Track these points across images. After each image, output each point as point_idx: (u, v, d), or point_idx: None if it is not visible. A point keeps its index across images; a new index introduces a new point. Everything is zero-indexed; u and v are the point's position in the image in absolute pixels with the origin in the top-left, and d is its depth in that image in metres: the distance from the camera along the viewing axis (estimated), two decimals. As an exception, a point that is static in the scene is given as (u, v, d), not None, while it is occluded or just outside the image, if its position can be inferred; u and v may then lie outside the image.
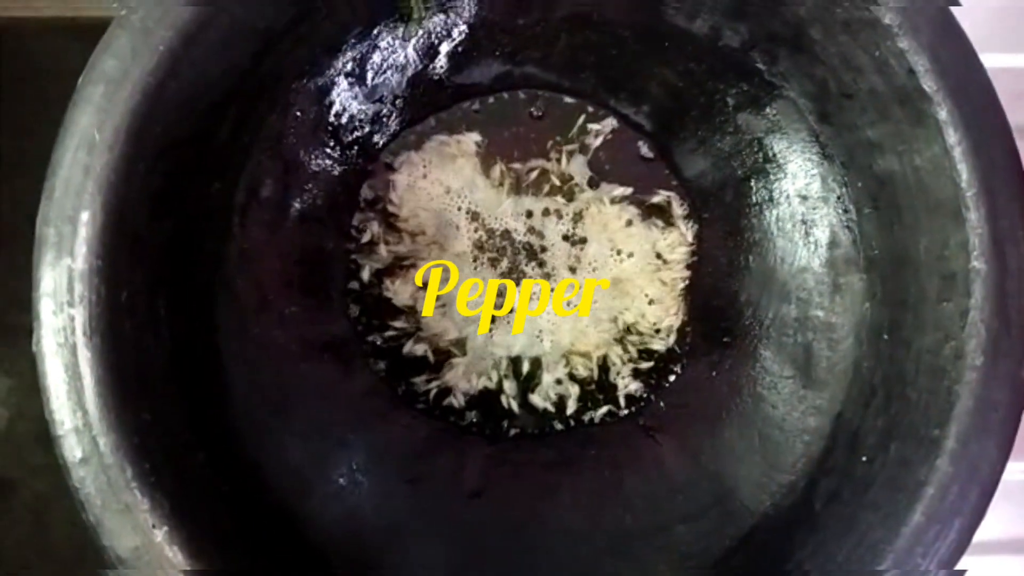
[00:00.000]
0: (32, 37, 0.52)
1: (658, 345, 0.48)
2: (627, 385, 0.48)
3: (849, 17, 0.35)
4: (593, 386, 0.48)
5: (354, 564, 0.39)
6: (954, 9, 0.34)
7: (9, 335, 0.51)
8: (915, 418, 0.35)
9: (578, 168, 0.48)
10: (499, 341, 0.48)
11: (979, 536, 0.33)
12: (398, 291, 0.47)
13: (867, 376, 0.39)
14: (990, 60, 0.35)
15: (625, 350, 0.48)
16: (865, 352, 0.39)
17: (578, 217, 0.48)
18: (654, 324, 0.48)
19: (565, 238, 0.48)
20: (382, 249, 0.47)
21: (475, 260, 0.48)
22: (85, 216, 0.31)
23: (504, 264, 0.48)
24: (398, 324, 0.47)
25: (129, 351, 0.32)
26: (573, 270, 0.48)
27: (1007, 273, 0.33)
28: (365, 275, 0.47)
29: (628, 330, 0.48)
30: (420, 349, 0.47)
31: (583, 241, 0.48)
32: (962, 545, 0.33)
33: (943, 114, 0.34)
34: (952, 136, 0.34)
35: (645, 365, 0.48)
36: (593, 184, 0.48)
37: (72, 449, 0.30)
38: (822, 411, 0.41)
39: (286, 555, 0.37)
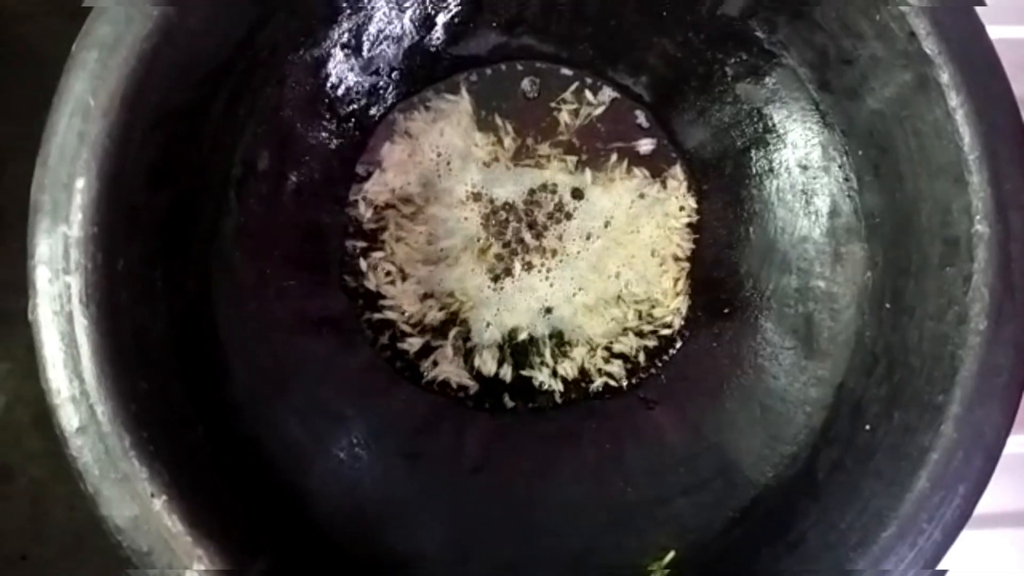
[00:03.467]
0: (24, 20, 0.51)
1: (665, 331, 0.48)
2: (605, 364, 0.48)
3: (848, -20, 0.35)
4: (592, 363, 0.48)
5: (356, 538, 0.39)
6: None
7: (5, 320, 0.51)
8: (918, 385, 0.34)
9: (577, 140, 0.48)
10: (496, 318, 0.47)
11: (980, 509, 0.33)
12: (380, 280, 0.47)
13: (869, 345, 0.39)
14: (996, 32, 0.35)
15: (628, 332, 0.48)
16: (867, 321, 0.39)
17: (579, 190, 0.48)
18: (657, 300, 0.48)
19: (565, 211, 0.48)
20: (369, 225, 0.47)
21: (472, 235, 0.47)
22: (80, 183, 0.30)
23: (501, 239, 0.47)
24: (389, 313, 0.47)
25: (126, 321, 0.31)
26: (572, 243, 0.48)
27: (1010, 236, 0.33)
28: (362, 265, 0.47)
29: (638, 314, 0.48)
30: (408, 343, 0.47)
31: (584, 214, 0.48)
32: (967, 511, 0.33)
33: (945, 77, 0.34)
34: (954, 99, 0.33)
35: (649, 343, 0.48)
36: (593, 155, 0.48)
37: (69, 418, 0.30)
38: (824, 381, 0.41)
39: (288, 528, 0.37)
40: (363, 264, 0.47)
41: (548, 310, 0.48)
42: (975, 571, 0.51)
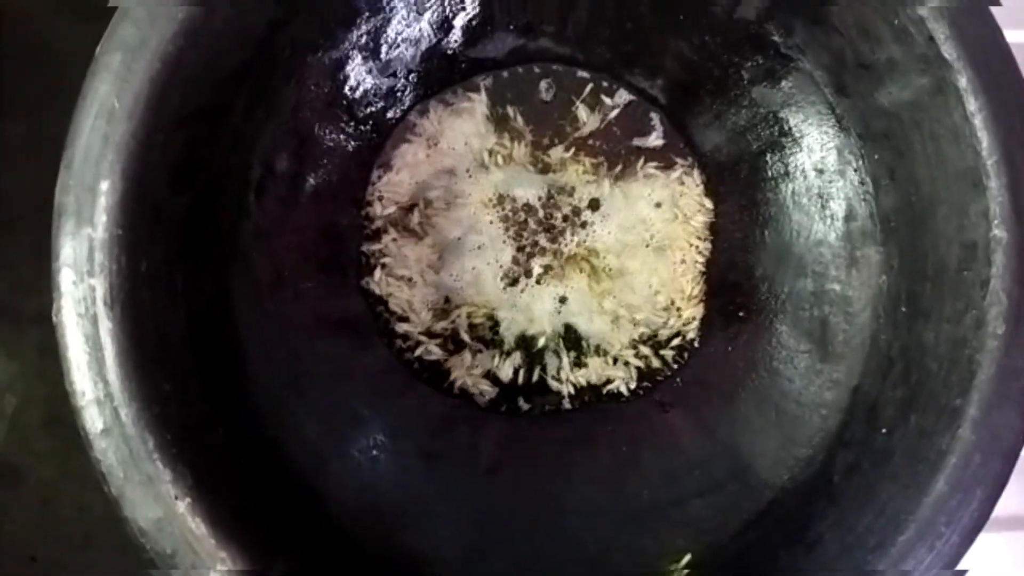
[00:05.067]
0: (30, 19, 0.51)
1: (680, 335, 0.48)
2: (621, 368, 0.48)
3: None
4: (608, 369, 0.48)
5: (374, 538, 0.39)
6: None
7: (15, 321, 0.51)
8: (935, 388, 0.35)
9: (593, 142, 0.48)
10: (512, 323, 0.47)
11: (994, 511, 0.33)
12: (395, 285, 0.47)
13: (884, 348, 0.39)
14: (1011, 36, 0.34)
15: (644, 337, 0.48)
16: (882, 325, 0.39)
17: (596, 194, 0.48)
18: (673, 304, 0.48)
19: (581, 215, 0.48)
20: (384, 227, 0.47)
21: (488, 237, 0.47)
22: (105, 185, 0.31)
23: (518, 242, 0.47)
24: (403, 326, 0.47)
25: (149, 322, 0.32)
26: (588, 247, 0.48)
27: (1028, 241, 0.33)
28: (377, 269, 0.47)
29: (654, 319, 0.48)
30: (425, 350, 0.47)
31: (600, 218, 0.48)
32: (984, 514, 0.33)
33: (963, 81, 0.34)
34: (972, 103, 0.33)
35: (665, 348, 0.48)
36: (609, 158, 0.48)
37: (93, 420, 0.30)
38: (839, 384, 0.41)
39: (307, 528, 0.37)
40: (378, 268, 0.47)
41: (564, 314, 0.48)
42: (986, 573, 0.51)
